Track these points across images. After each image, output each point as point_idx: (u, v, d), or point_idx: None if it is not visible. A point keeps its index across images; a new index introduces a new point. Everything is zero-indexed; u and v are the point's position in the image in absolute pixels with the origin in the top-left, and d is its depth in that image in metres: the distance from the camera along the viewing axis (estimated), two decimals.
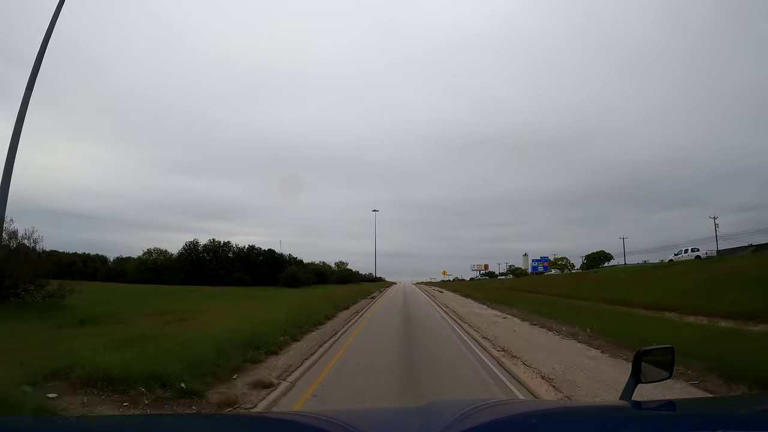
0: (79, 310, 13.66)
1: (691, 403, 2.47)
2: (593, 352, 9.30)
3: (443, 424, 1.22)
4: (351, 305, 22.48)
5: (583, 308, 17.47)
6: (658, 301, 16.97)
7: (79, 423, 1.74)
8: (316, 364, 8.17)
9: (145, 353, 6.35)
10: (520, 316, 17.39)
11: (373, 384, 6.69)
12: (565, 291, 29.66)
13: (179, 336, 8.26)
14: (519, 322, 15.72)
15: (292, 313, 13.73)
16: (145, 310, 15.73)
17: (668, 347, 2.05)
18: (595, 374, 7.26)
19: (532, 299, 23.85)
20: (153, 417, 3.15)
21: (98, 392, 5.30)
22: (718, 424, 1.29)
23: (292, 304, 18.57)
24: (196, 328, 10.27)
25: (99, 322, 11.44)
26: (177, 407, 5.20)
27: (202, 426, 1.62)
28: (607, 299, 20.39)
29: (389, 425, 1.51)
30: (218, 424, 1.67)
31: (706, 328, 11.46)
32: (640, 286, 23.12)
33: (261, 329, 9.61)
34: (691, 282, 19.60)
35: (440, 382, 6.83)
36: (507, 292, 35.07)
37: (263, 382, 6.54)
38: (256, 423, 1.64)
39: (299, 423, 1.56)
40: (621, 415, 1.49)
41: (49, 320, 11.17)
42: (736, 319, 11.86)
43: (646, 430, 1.35)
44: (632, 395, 1.77)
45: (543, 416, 1.52)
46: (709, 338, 8.97)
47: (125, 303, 19.16)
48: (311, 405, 5.71)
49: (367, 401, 5.79)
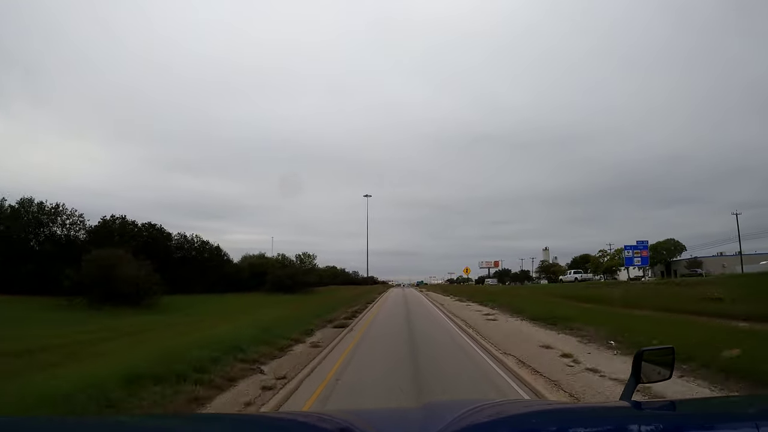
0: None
1: (691, 403, 2.48)
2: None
3: (443, 424, 1.22)
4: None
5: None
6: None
7: (79, 423, 1.74)
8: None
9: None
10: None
11: None
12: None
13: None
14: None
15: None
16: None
17: (668, 347, 2.04)
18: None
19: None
20: (153, 417, 3.15)
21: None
22: (718, 424, 1.29)
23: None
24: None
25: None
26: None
27: (203, 426, 1.62)
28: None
29: (389, 425, 1.51)
30: (218, 424, 1.67)
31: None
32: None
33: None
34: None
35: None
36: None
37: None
38: (257, 423, 1.64)
39: (299, 423, 1.56)
40: (621, 415, 1.49)
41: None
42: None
43: (646, 430, 1.35)
44: (632, 395, 1.77)
45: (543, 416, 1.52)
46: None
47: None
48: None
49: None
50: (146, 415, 4.42)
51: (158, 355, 7.60)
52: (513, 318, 17.78)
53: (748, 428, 1.23)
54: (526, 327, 14.75)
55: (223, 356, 7.98)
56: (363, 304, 27.76)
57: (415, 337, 12.59)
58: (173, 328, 13.94)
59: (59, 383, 5.51)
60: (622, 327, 11.70)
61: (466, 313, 20.91)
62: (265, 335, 10.86)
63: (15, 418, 2.51)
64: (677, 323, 12.06)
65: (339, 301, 27.85)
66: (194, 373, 6.69)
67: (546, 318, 15.42)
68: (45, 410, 4.52)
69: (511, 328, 14.60)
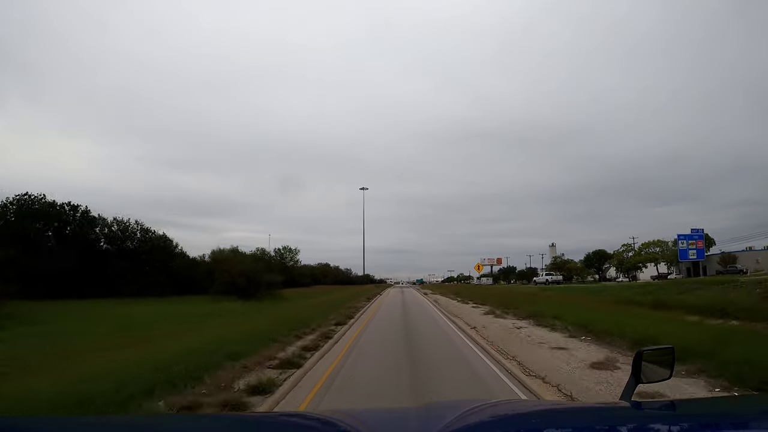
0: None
1: (691, 403, 2.48)
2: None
3: (443, 424, 1.21)
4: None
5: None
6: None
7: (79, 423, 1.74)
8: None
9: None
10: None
11: None
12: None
13: None
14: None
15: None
16: None
17: (669, 347, 2.04)
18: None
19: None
20: (153, 417, 3.15)
21: None
22: (718, 424, 1.29)
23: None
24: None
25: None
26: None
27: (202, 426, 1.62)
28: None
29: (389, 425, 1.51)
30: (218, 425, 1.67)
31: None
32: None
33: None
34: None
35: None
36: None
37: None
38: (257, 423, 1.64)
39: (299, 423, 1.56)
40: (621, 415, 1.49)
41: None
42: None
43: (646, 430, 1.35)
44: (632, 395, 1.77)
45: (543, 416, 1.53)
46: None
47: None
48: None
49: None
50: (146, 415, 4.42)
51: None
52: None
53: (748, 428, 1.23)
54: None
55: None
56: (328, 327, 14.10)
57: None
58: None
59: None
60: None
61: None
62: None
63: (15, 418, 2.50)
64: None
65: (291, 318, 15.81)
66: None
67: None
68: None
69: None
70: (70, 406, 5.08)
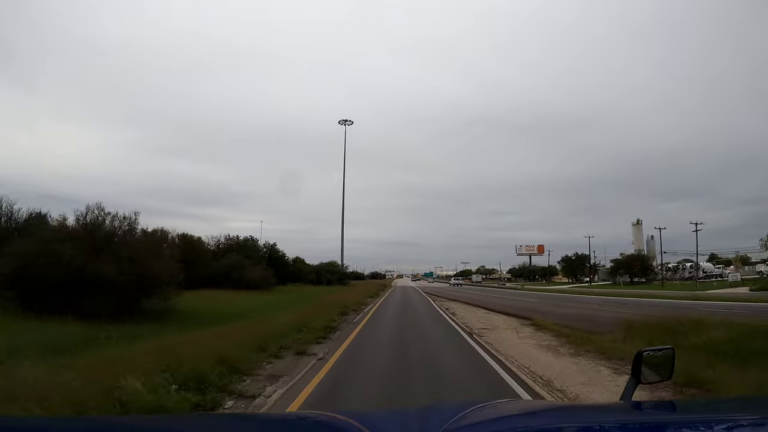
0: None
1: (691, 403, 2.48)
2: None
3: (443, 424, 1.21)
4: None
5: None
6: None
7: (79, 423, 1.74)
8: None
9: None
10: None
11: None
12: None
13: None
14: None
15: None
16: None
17: (669, 348, 2.03)
18: None
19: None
20: (153, 417, 3.15)
21: None
22: (718, 424, 1.28)
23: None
24: None
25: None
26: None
27: (202, 426, 1.62)
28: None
29: (389, 425, 1.51)
30: (218, 425, 1.67)
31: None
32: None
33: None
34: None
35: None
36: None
37: None
38: (257, 423, 1.64)
39: (299, 424, 1.56)
40: (621, 415, 1.49)
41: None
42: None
43: (646, 430, 1.35)
44: (632, 395, 1.77)
45: (543, 416, 1.53)
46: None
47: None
48: None
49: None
50: (146, 415, 4.42)
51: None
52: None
53: (748, 428, 1.23)
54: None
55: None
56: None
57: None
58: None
59: None
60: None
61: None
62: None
63: (15, 418, 2.50)
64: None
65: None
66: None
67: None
68: None
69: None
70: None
